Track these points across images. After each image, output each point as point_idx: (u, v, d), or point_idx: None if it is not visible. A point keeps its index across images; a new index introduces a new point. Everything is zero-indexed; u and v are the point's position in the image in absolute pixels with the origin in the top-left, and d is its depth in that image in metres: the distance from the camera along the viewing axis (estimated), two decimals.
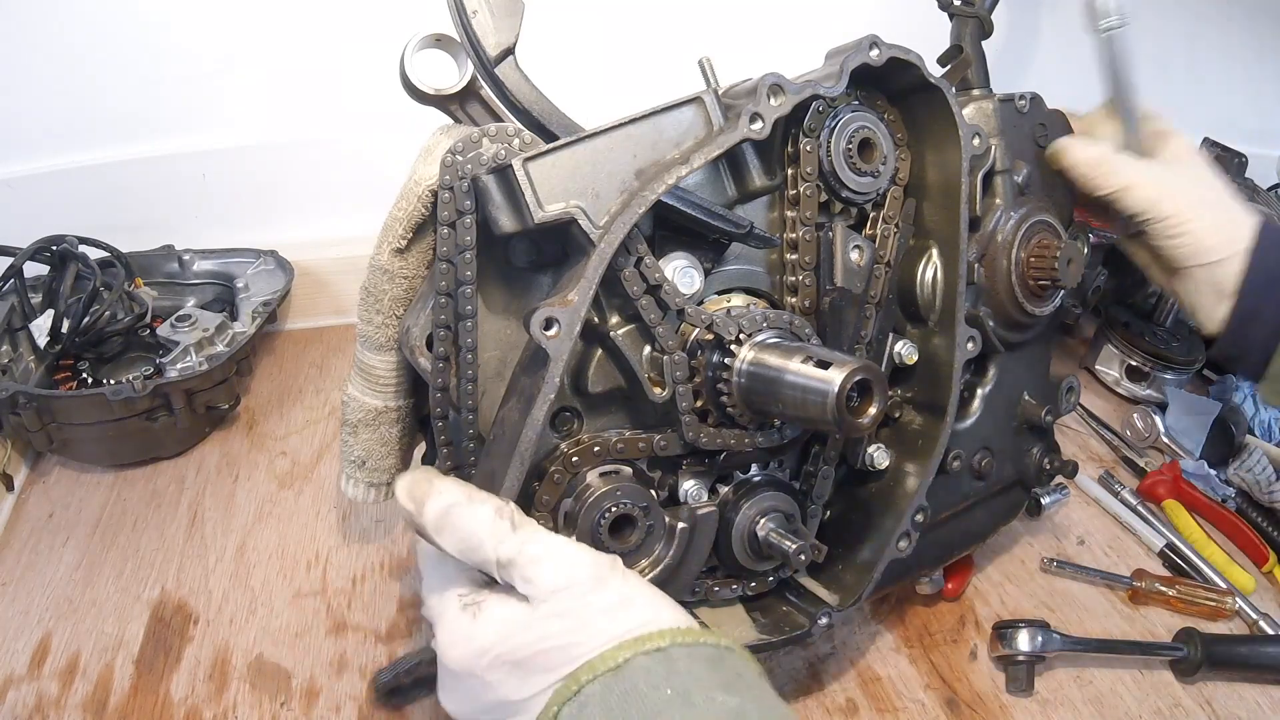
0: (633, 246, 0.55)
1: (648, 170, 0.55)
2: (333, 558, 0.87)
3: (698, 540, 0.62)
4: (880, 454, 0.71)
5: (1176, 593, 0.85)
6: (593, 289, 0.53)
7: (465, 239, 0.55)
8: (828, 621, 0.68)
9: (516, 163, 0.51)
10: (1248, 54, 1.40)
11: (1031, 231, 0.72)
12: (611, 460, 0.59)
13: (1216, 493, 0.99)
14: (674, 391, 0.58)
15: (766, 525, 0.64)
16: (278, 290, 1.16)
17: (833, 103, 0.64)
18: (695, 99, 0.57)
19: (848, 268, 0.65)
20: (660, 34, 1.20)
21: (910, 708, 0.74)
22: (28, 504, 0.94)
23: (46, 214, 1.12)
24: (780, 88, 0.57)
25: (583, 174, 0.53)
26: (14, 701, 0.72)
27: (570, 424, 0.59)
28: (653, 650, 0.48)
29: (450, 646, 0.50)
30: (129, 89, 1.15)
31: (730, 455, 0.64)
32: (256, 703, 0.72)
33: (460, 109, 0.61)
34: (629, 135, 0.55)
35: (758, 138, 0.57)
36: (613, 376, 0.59)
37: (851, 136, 0.64)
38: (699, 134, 0.57)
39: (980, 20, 0.80)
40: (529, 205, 0.52)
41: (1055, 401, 0.80)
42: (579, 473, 0.58)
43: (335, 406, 1.09)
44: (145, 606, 0.81)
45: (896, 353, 0.70)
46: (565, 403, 0.59)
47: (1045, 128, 0.75)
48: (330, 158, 1.23)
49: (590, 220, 0.53)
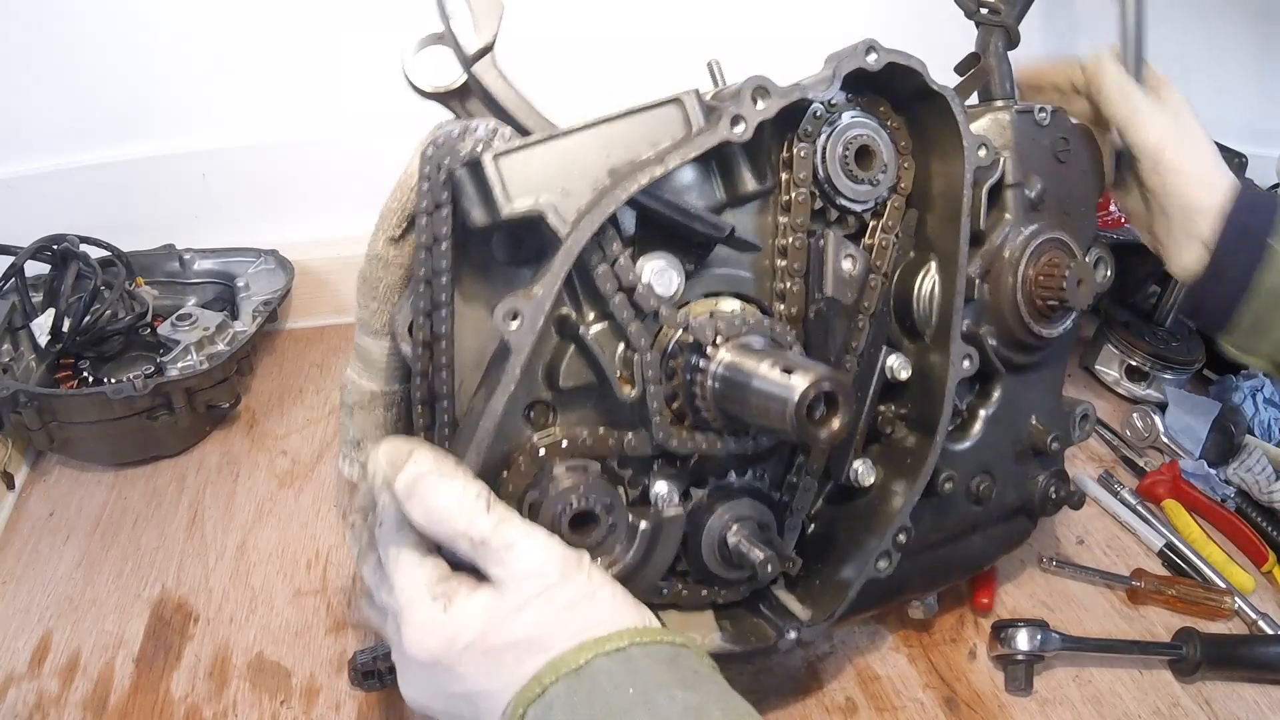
0: (606, 244, 0.55)
1: (621, 169, 0.55)
2: (333, 556, 0.87)
3: (662, 543, 0.60)
4: (866, 470, 0.69)
5: (1176, 592, 0.85)
6: (558, 284, 0.54)
7: (441, 230, 0.55)
8: (795, 637, 0.67)
9: (487, 157, 0.52)
10: (1247, 54, 1.40)
11: (1042, 249, 0.70)
12: (579, 455, 0.58)
13: (1216, 493, 0.99)
14: (644, 391, 0.58)
15: (738, 533, 0.63)
16: (278, 289, 1.16)
17: (832, 108, 0.63)
18: (675, 99, 0.56)
19: (838, 277, 0.64)
20: (670, 39, 1.20)
21: (909, 707, 0.75)
22: (28, 502, 0.94)
23: (47, 213, 1.12)
24: (766, 90, 0.57)
25: (554, 171, 0.54)
26: (14, 700, 0.72)
27: (545, 417, 0.59)
28: (613, 651, 0.48)
29: (420, 638, 0.50)
30: (129, 89, 1.15)
31: (705, 460, 0.63)
32: (256, 701, 0.72)
33: (460, 105, 0.61)
34: (603, 134, 0.55)
35: (738, 140, 0.56)
36: (585, 373, 0.59)
37: (849, 143, 0.63)
38: (677, 135, 0.56)
39: (1007, 30, 0.77)
40: (498, 199, 0.53)
41: (1066, 428, 0.77)
42: (546, 465, 0.58)
43: (335, 406, 1.09)
44: (145, 605, 0.81)
45: (889, 367, 0.68)
46: (539, 396, 0.59)
47: (1067, 142, 0.73)
48: (330, 157, 1.23)
49: (559, 216, 0.54)
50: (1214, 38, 1.36)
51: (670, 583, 0.65)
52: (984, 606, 0.83)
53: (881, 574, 0.68)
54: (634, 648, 0.49)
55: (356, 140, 1.21)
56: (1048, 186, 0.72)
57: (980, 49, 0.78)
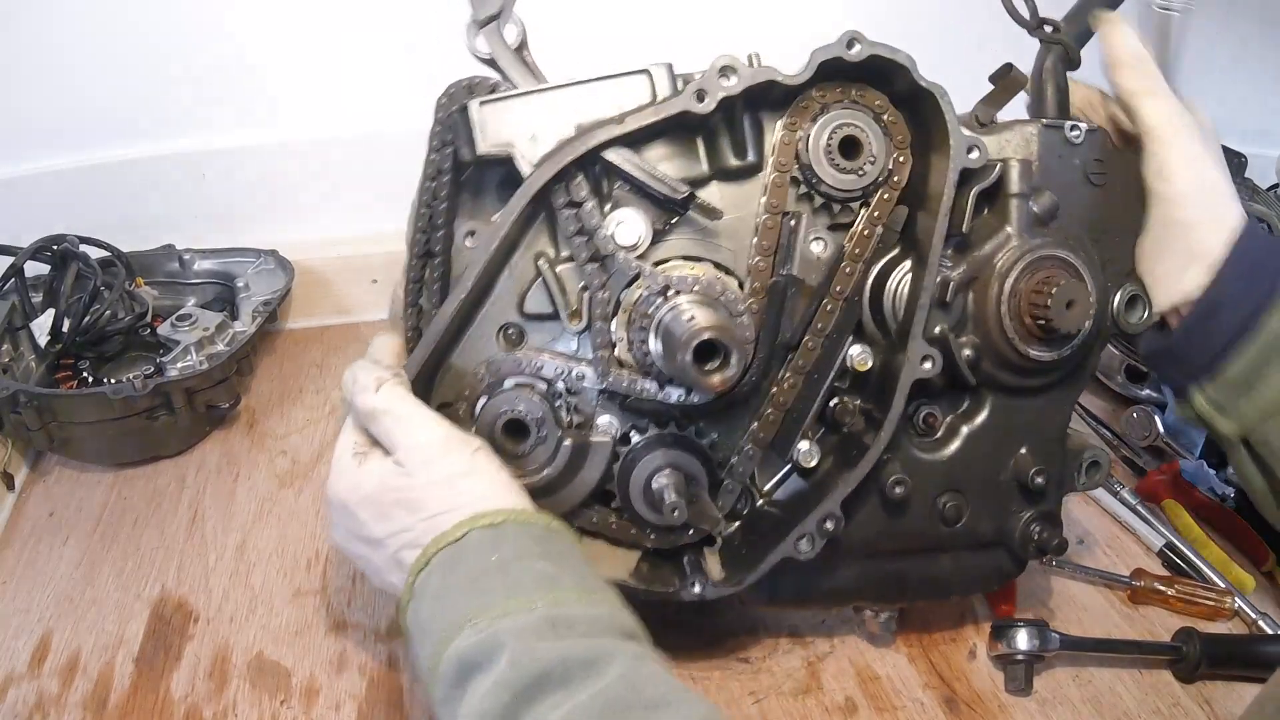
0: (574, 191, 0.64)
1: (586, 126, 0.63)
2: (333, 556, 0.87)
3: (586, 465, 0.68)
4: (810, 450, 0.71)
5: (1176, 592, 0.85)
6: (515, 213, 0.63)
7: (445, 164, 0.66)
8: (699, 591, 0.70)
9: (473, 104, 0.62)
10: (1248, 54, 1.40)
11: (1039, 265, 0.66)
12: (528, 375, 0.67)
13: (1216, 492, 0.99)
14: (589, 325, 0.66)
15: (663, 478, 0.67)
16: (278, 290, 1.16)
17: (823, 98, 0.66)
18: (644, 70, 0.64)
19: (805, 258, 0.69)
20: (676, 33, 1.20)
21: (909, 707, 0.75)
22: (28, 503, 0.94)
23: (47, 214, 1.12)
24: (732, 69, 0.63)
25: (527, 120, 0.63)
26: (14, 699, 0.72)
27: (519, 339, 0.68)
28: (487, 525, 0.55)
29: (335, 483, 0.61)
30: (129, 89, 1.15)
31: (649, 406, 0.69)
32: (256, 700, 0.72)
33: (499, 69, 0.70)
34: (575, 93, 0.63)
35: (700, 112, 0.62)
36: (546, 302, 0.67)
37: (834, 133, 0.66)
38: (641, 101, 0.64)
39: (1066, 49, 0.73)
40: (476, 139, 0.62)
41: (1063, 468, 0.74)
42: (500, 379, 0.67)
43: (335, 406, 1.09)
44: (145, 605, 0.81)
45: (850, 355, 0.70)
46: (510, 319, 0.68)
47: (1102, 164, 0.70)
48: (330, 157, 1.23)
49: (524, 158, 0.63)
50: (1214, 38, 1.36)
51: (601, 512, 0.70)
52: (1004, 612, 0.83)
53: (801, 555, 0.68)
54: (509, 524, 0.56)
55: (356, 140, 1.21)
56: (1066, 206, 0.68)
57: (1037, 67, 0.75)
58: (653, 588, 0.70)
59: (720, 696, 0.74)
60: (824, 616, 0.81)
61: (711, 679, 0.75)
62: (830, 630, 0.80)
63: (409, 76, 1.17)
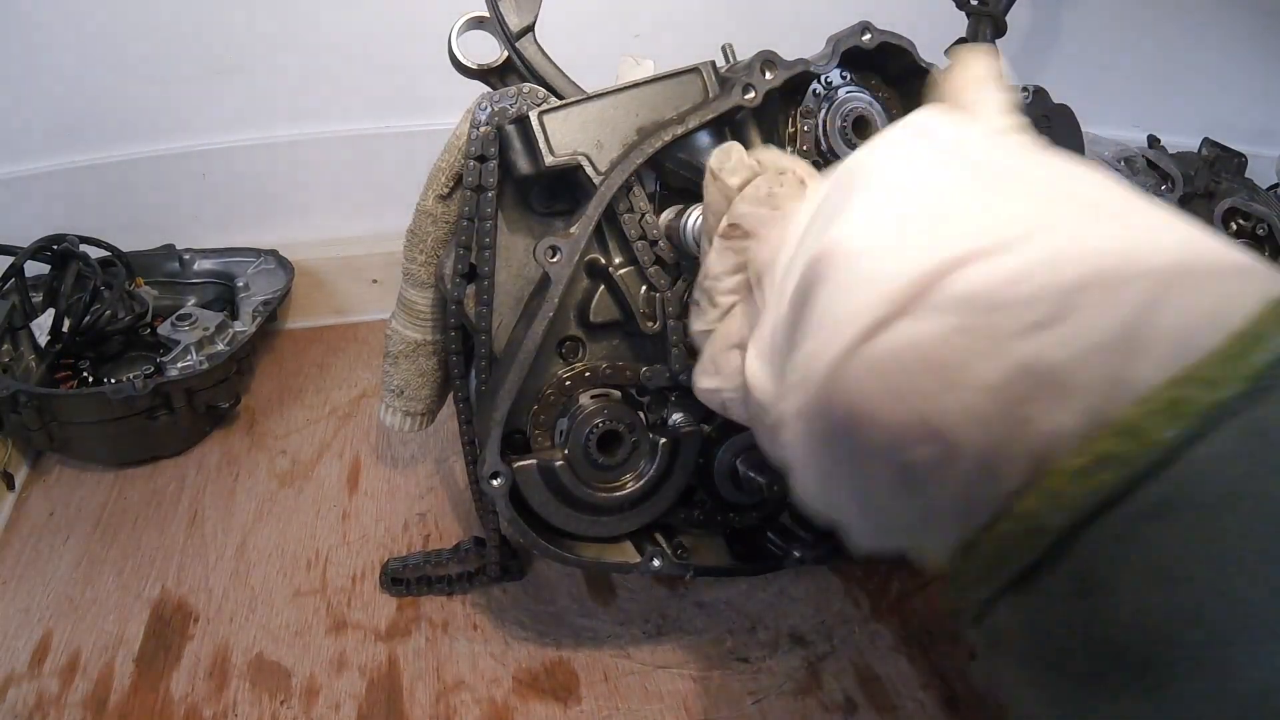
0: (636, 195, 0.63)
1: (648, 128, 0.63)
2: (333, 556, 0.87)
3: (681, 457, 0.68)
4: None
5: None
6: (593, 224, 0.62)
7: (489, 180, 0.64)
8: (799, 556, 0.73)
9: (533, 114, 0.61)
10: (1248, 54, 1.40)
11: None
12: (601, 384, 0.66)
13: None
14: (664, 326, 0.65)
15: (744, 462, 0.70)
16: (278, 290, 1.16)
17: (829, 85, 0.69)
18: (694, 69, 0.64)
19: None
20: (681, 26, 1.20)
21: (909, 706, 0.74)
22: (28, 502, 0.94)
23: (47, 214, 1.12)
24: (773, 63, 0.64)
25: (590, 127, 0.62)
26: (14, 699, 0.72)
27: (576, 352, 0.67)
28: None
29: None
30: (129, 89, 1.15)
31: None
32: (256, 700, 0.73)
33: (500, 81, 0.69)
34: (633, 96, 0.63)
35: (750, 105, 0.63)
36: (612, 310, 0.66)
37: (847, 114, 0.69)
38: (696, 99, 0.64)
39: (994, 19, 0.83)
40: (542, 151, 0.61)
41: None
42: (572, 395, 0.66)
43: (336, 406, 1.09)
44: (145, 605, 0.81)
45: None
46: (570, 332, 0.66)
47: (1049, 120, 0.77)
48: (330, 157, 1.23)
49: (594, 166, 0.62)
50: (1214, 37, 1.36)
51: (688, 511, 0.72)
52: None
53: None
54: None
55: (357, 140, 1.21)
56: None
57: (970, 36, 0.84)
58: (756, 566, 0.75)
59: (720, 696, 0.74)
60: (824, 616, 0.81)
61: (711, 679, 0.75)
62: (830, 630, 0.80)
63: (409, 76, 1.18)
